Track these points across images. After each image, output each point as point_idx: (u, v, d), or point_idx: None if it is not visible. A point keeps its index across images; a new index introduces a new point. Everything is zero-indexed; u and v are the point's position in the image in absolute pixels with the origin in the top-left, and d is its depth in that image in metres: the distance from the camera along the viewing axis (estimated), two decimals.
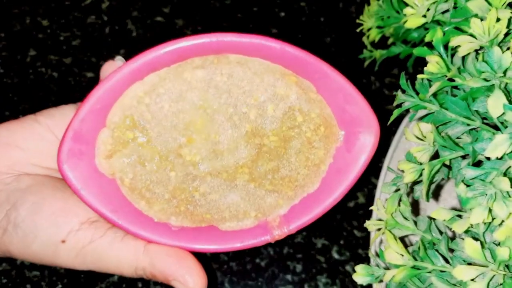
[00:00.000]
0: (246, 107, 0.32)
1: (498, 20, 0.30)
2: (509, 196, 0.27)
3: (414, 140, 0.32)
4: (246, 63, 0.32)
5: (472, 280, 0.28)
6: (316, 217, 0.33)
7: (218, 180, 0.32)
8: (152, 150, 0.32)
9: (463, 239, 0.30)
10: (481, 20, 0.31)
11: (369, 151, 0.33)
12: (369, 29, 0.44)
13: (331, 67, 0.32)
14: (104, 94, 0.30)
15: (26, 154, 0.35)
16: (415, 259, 0.31)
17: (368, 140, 0.33)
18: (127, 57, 0.57)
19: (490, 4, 0.32)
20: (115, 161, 0.32)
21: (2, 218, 0.35)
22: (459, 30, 0.35)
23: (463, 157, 0.31)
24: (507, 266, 0.28)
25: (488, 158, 0.29)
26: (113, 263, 0.34)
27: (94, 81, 0.56)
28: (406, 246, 0.32)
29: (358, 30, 0.45)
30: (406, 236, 0.39)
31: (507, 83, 0.29)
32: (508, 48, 0.31)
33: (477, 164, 0.30)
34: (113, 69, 0.31)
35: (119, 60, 0.34)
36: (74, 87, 0.55)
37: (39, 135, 0.35)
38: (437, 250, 0.31)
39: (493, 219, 0.28)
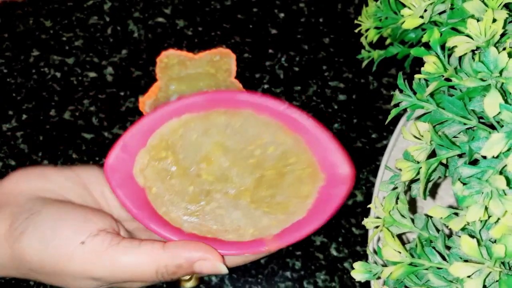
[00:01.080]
0: (253, 146, 0.40)
1: (494, 20, 0.30)
2: (505, 194, 0.27)
3: (412, 139, 0.32)
4: (256, 116, 0.41)
5: (469, 277, 0.28)
6: (302, 237, 0.39)
7: (226, 199, 0.39)
8: (178, 168, 0.40)
9: (459, 236, 0.30)
10: (478, 21, 0.31)
11: (346, 189, 0.40)
12: (367, 30, 0.44)
13: (318, 124, 0.41)
14: (150, 121, 0.40)
15: (54, 185, 0.40)
16: (413, 256, 0.31)
17: (345, 180, 0.41)
18: (129, 57, 0.57)
19: (486, 5, 0.32)
20: (148, 173, 0.40)
21: (23, 221, 0.36)
22: (455, 30, 0.35)
23: (460, 155, 0.31)
24: (503, 263, 0.28)
25: (485, 157, 0.29)
26: (132, 267, 0.36)
27: (96, 81, 0.56)
28: (403, 243, 0.32)
29: (356, 31, 0.45)
30: (404, 233, 0.39)
31: (503, 83, 0.29)
32: (504, 49, 0.31)
33: (474, 162, 0.30)
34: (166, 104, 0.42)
35: (174, 97, 0.44)
36: (77, 87, 0.55)
37: (68, 177, 0.40)
38: (434, 248, 0.31)
39: (489, 217, 0.28)
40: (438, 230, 0.33)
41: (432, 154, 0.31)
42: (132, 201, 0.39)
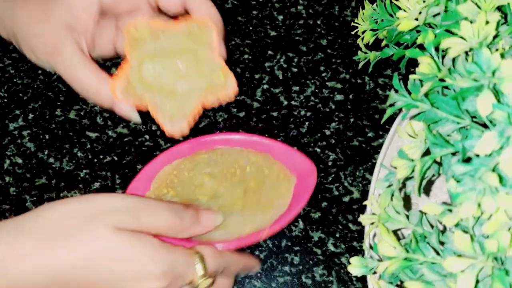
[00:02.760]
0: (233, 169, 0.47)
1: (487, 22, 0.30)
2: (497, 191, 0.27)
3: (407, 138, 0.32)
4: (230, 148, 0.48)
5: (462, 271, 0.28)
6: (288, 223, 0.45)
7: (222, 210, 0.44)
8: (179, 197, 0.46)
9: (453, 232, 0.30)
10: (471, 23, 0.31)
11: (314, 179, 0.46)
12: (363, 32, 0.44)
13: (276, 141, 0.48)
14: (149, 170, 0.47)
15: None
16: (407, 251, 0.31)
17: (311, 173, 0.47)
18: None
19: (479, 7, 0.32)
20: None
21: None
22: (449, 32, 0.35)
23: (453, 154, 0.31)
24: (495, 258, 0.28)
25: (477, 155, 0.29)
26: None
27: None
28: (398, 239, 0.32)
29: (353, 33, 0.45)
30: (399, 229, 0.39)
31: (495, 83, 0.29)
32: (496, 50, 0.31)
33: (467, 160, 0.30)
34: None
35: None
36: None
37: None
38: (428, 243, 0.31)
39: (482, 213, 0.28)
40: (432, 226, 0.33)
41: (427, 152, 0.31)
42: None
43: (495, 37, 0.33)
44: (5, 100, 0.55)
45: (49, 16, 0.44)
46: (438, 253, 0.31)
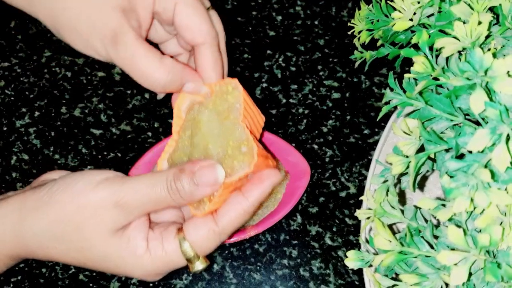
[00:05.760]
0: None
1: (479, 23, 0.30)
2: (490, 187, 0.27)
3: (402, 135, 0.32)
4: None
5: (455, 264, 0.28)
6: (273, 223, 0.45)
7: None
8: None
9: (446, 226, 0.30)
10: (464, 23, 0.31)
11: (306, 180, 0.47)
12: (359, 32, 0.44)
13: (275, 136, 0.48)
14: (149, 158, 0.48)
15: None
16: (402, 245, 0.31)
17: (305, 173, 0.47)
18: None
19: (472, 8, 0.32)
20: None
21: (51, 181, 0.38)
22: (443, 32, 0.35)
23: (447, 150, 0.31)
24: (487, 251, 0.28)
25: (470, 152, 0.29)
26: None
27: (105, 80, 0.55)
28: (393, 233, 0.32)
29: (349, 33, 0.45)
30: (394, 224, 0.39)
31: (488, 82, 0.28)
32: (489, 49, 0.31)
33: (460, 157, 0.30)
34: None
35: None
36: (86, 85, 0.55)
37: None
38: (422, 237, 0.31)
39: (474, 208, 0.28)
40: (426, 221, 0.33)
41: (421, 149, 0.31)
42: None
43: (487, 37, 0.33)
44: (12, 98, 0.55)
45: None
46: (432, 247, 0.31)
